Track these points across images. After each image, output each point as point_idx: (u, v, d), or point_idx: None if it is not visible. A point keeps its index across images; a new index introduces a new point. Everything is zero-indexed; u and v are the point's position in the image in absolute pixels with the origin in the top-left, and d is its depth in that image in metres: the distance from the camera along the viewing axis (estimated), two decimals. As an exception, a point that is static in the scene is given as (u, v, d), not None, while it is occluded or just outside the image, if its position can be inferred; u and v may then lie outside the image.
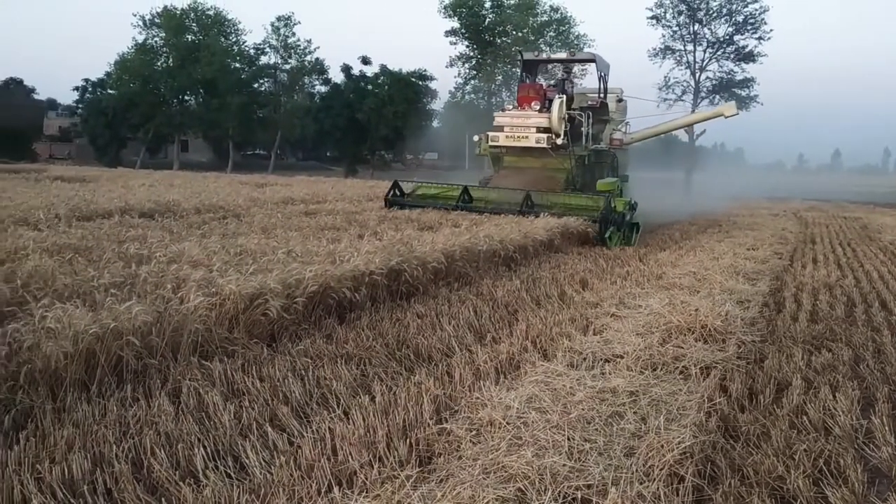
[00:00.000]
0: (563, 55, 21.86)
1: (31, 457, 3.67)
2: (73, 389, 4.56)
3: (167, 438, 3.97)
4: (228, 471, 3.68)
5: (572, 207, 14.52)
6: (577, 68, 34.98)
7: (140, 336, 5.01)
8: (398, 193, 16.74)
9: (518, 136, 16.68)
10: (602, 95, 18.61)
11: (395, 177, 18.61)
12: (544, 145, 16.31)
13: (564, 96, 16.97)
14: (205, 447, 3.87)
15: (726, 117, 21.36)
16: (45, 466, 3.55)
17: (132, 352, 4.95)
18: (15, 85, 70.19)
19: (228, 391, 4.79)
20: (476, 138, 18.39)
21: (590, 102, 18.43)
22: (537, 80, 20.39)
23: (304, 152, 78.39)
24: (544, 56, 21.71)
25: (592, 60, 19.08)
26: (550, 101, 16.90)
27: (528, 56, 19.81)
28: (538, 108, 16.70)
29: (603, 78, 18.78)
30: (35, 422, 4.13)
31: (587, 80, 41.72)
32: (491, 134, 17.24)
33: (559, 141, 16.31)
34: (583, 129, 17.06)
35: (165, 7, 58.50)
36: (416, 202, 16.11)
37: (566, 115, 16.52)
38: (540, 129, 16.42)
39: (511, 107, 17.83)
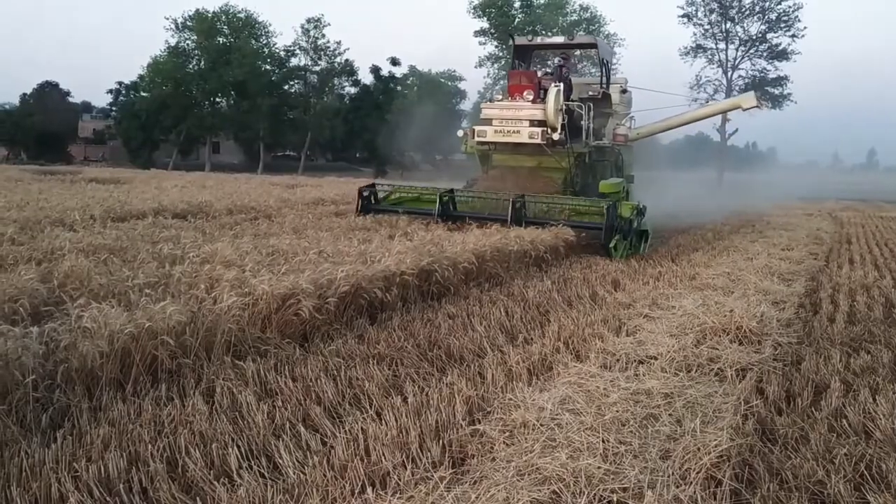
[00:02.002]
0: (560, 39, 18.75)
1: (69, 455, 3.71)
2: (109, 388, 4.61)
3: (201, 438, 3.99)
4: (262, 470, 3.69)
5: (580, 213, 12.62)
6: (578, 63, 33.11)
7: (174, 336, 5.05)
8: (374, 199, 14.20)
9: (508, 131, 14.32)
10: (605, 85, 16.17)
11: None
12: (538, 141, 13.93)
13: (562, 84, 14.59)
14: (238, 447, 3.88)
15: (744, 109, 19.70)
16: (81, 465, 3.58)
17: (166, 351, 4.99)
18: (51, 89, 71.41)
19: (261, 391, 4.80)
20: (460, 133, 16.03)
21: (591, 93, 15.77)
22: (533, 67, 17.74)
23: (334, 153, 78.77)
24: (539, 41, 18.10)
25: (593, 45, 17.16)
26: (546, 90, 14.60)
27: (520, 41, 17.11)
28: (531, 98, 14.33)
29: (606, 65, 16.41)
30: (72, 420, 4.17)
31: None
32: (478, 128, 14.85)
33: (555, 136, 13.96)
34: (583, 122, 14.79)
35: (197, 10, 59.20)
36: (389, 208, 13.81)
37: (563, 107, 14.19)
38: (534, 123, 14.06)
39: (500, 97, 15.28)
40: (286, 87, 62.57)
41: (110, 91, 67.55)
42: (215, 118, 59.88)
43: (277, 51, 61.81)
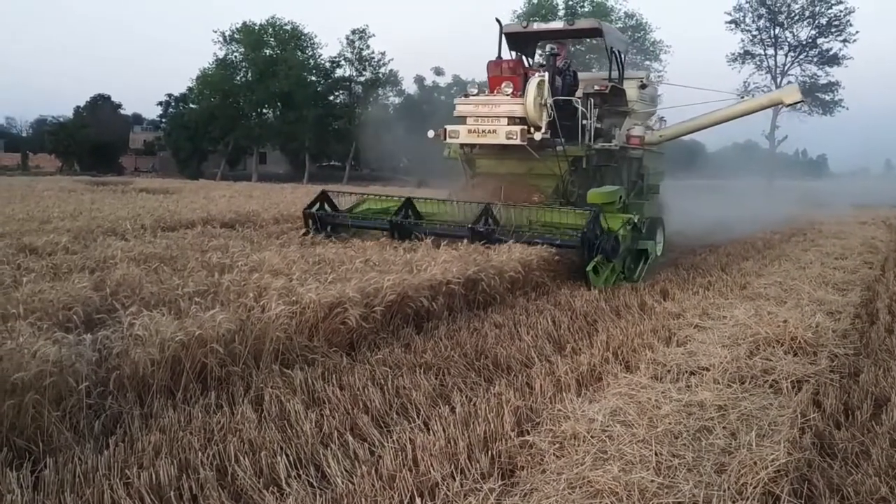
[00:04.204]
0: (558, 25, 14.66)
1: (121, 461, 3.75)
2: (160, 395, 4.66)
3: (250, 446, 4.00)
4: (310, 479, 3.68)
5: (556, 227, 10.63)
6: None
7: (223, 343, 5.09)
8: (324, 210, 12.03)
9: (484, 131, 11.77)
10: (618, 79, 13.59)
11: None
12: (517, 141, 11.41)
13: (547, 74, 11.96)
14: (287, 455, 3.89)
15: (787, 105, 17.14)
16: (133, 471, 3.61)
17: (216, 359, 5.03)
18: (103, 101, 73.14)
19: (309, 399, 4.81)
20: (430, 134, 12.85)
21: (596, 87, 13.14)
22: (528, 60, 14.24)
23: (378, 163, 79.21)
24: (535, 27, 14.44)
25: (598, 32, 13.77)
26: None
27: (510, 29, 13.65)
28: (510, 91, 11.73)
29: (617, 56, 13.65)
30: (124, 427, 4.22)
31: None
32: (450, 128, 12.26)
33: (538, 136, 11.43)
34: (584, 122, 12.38)
35: (244, 23, 60.07)
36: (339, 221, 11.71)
37: (548, 102, 11.62)
38: (513, 120, 11.55)
39: (475, 90, 12.31)
40: (331, 97, 63.12)
41: (160, 103, 69.02)
42: (262, 129, 60.64)
43: (323, 62, 62.45)
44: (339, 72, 63.11)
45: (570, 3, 55.62)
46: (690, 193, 21.72)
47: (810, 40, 51.27)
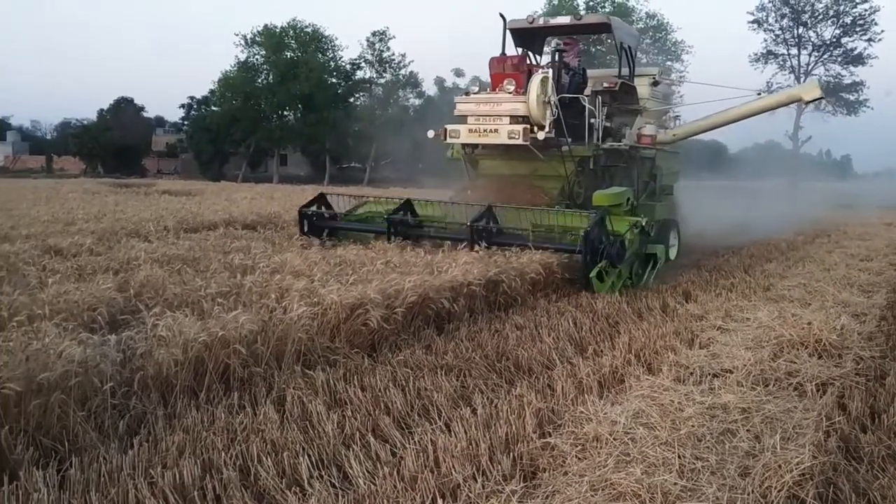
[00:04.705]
0: (565, 20, 13.68)
1: (145, 461, 3.77)
2: (183, 396, 4.69)
3: (273, 446, 4.02)
4: (333, 480, 3.69)
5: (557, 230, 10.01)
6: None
7: (246, 344, 5.12)
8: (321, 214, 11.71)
9: (485, 130, 11.28)
10: (627, 76, 12.94)
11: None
12: (519, 140, 10.89)
13: (551, 71, 11.68)
14: (309, 456, 3.90)
15: (806, 102, 16.15)
16: (157, 471, 3.63)
17: (238, 360, 5.06)
18: (126, 104, 73.93)
19: (331, 400, 4.82)
20: (430, 134, 12.51)
21: (605, 85, 12.52)
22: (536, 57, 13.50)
23: (399, 164, 79.43)
24: (542, 22, 13.31)
25: (606, 27, 13.11)
26: None
27: (515, 25, 12.84)
28: (513, 88, 11.16)
29: (627, 52, 12.98)
30: (148, 427, 4.26)
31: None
32: (450, 128, 11.78)
33: (541, 135, 10.90)
34: (592, 120, 11.87)
35: (266, 26, 60.40)
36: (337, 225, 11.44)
37: (552, 99, 11.09)
38: (515, 119, 11.05)
39: (476, 88, 11.93)
40: (352, 99, 63.31)
41: (182, 106, 69.67)
42: (283, 131, 60.93)
43: (343, 64, 62.65)
44: (359, 74, 63.32)
45: (591, 3, 55.43)
46: (712, 194, 21.56)
47: (834, 39, 50.76)
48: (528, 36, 13.24)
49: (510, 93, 11.12)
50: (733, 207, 20.76)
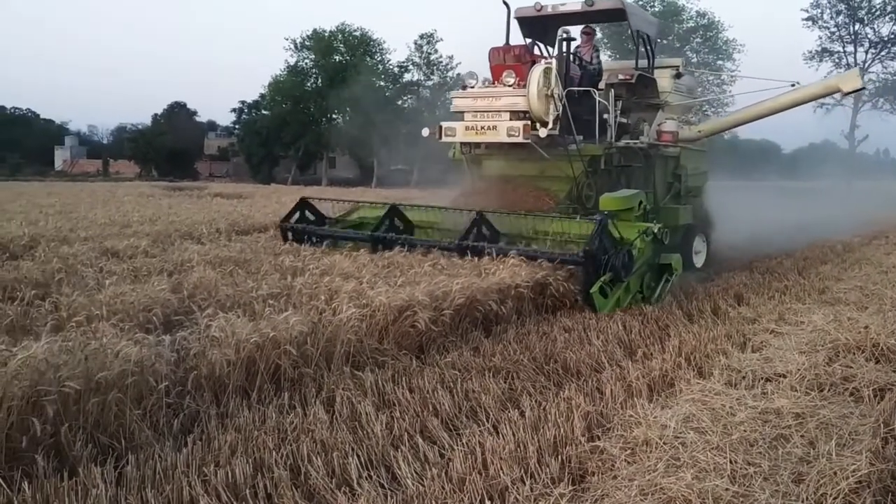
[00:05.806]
0: (576, 7, 11.80)
1: (198, 459, 3.85)
2: (235, 395, 4.77)
3: (322, 446, 4.06)
4: (381, 481, 3.72)
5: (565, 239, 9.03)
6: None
7: (296, 345, 5.18)
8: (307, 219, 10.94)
9: (483, 127, 10.21)
10: (646, 67, 11.81)
11: None
12: (520, 138, 9.79)
13: (554, 61, 10.33)
14: (358, 456, 3.94)
15: (845, 94, 14.50)
16: (210, 469, 3.71)
17: (289, 360, 5.13)
18: (179, 109, 75.55)
19: (380, 401, 4.86)
20: (425, 133, 11.49)
21: (620, 77, 11.44)
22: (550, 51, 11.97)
23: (446, 166, 79.64)
24: (550, 9, 11.76)
25: (621, 14, 11.71)
26: None
27: (521, 13, 11.70)
28: (512, 81, 10.08)
29: (645, 41, 11.81)
30: (201, 426, 4.34)
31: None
32: (445, 125, 10.69)
33: (543, 132, 9.79)
34: (605, 116, 10.86)
35: (315, 30, 61.06)
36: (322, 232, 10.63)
37: (556, 92, 9.96)
38: (515, 115, 9.98)
39: (474, 82, 10.68)
40: (399, 102, 63.63)
41: (234, 110, 70.76)
42: (332, 134, 61.48)
43: (391, 67, 63.02)
44: (407, 76, 63.62)
45: (640, 2, 54.86)
46: (763, 196, 21.18)
47: (892, 36, 49.38)
48: (537, 25, 11.99)
49: (510, 86, 10.10)
50: (786, 208, 20.36)
